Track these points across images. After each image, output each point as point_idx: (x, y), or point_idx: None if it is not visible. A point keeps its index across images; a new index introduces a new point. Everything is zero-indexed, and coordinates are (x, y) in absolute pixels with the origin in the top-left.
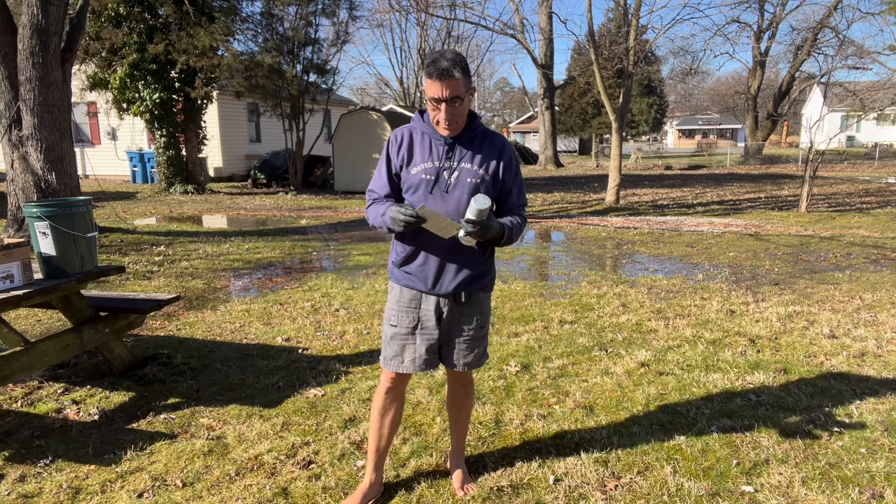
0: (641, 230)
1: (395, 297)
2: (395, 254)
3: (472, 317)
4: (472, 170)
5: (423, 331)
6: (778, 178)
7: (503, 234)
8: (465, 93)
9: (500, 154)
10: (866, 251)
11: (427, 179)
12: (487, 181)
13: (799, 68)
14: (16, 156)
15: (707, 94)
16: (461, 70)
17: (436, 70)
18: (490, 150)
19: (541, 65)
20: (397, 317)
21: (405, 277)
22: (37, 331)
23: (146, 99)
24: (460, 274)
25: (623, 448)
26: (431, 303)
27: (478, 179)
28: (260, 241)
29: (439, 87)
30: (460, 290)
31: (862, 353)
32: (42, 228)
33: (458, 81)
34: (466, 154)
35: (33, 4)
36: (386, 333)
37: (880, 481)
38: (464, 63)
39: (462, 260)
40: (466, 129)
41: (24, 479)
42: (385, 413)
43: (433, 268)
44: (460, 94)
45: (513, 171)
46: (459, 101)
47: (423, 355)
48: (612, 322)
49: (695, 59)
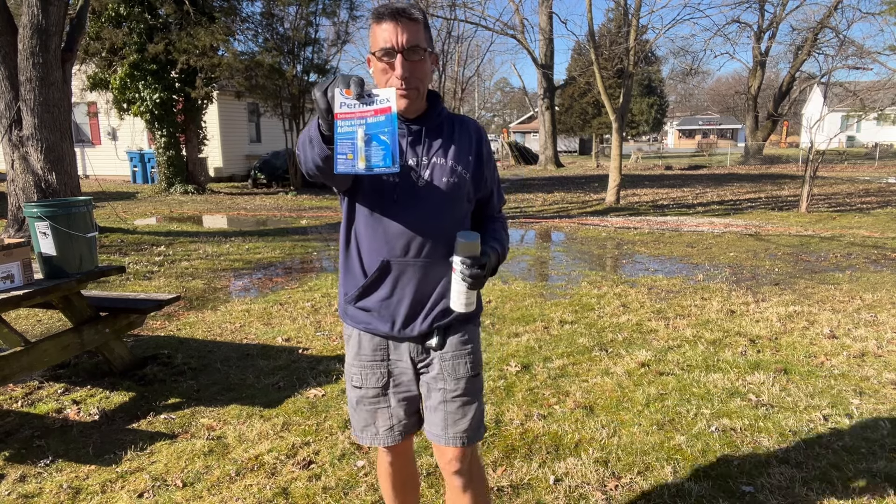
0: (642, 230)
1: (354, 348)
2: (346, 285)
3: (462, 360)
4: (447, 166)
5: (396, 388)
6: (778, 178)
7: (499, 261)
8: (428, 51)
9: (479, 144)
10: (866, 251)
11: (390, 181)
12: (467, 181)
13: (799, 68)
14: (16, 156)
15: (707, 94)
16: (422, 15)
17: (387, 10)
18: (464, 139)
19: (541, 65)
20: (360, 375)
21: (364, 318)
22: (37, 331)
23: (146, 99)
24: (440, 303)
25: (623, 448)
26: (404, 351)
27: (455, 179)
28: (260, 242)
29: (392, 30)
30: (438, 323)
31: (862, 353)
32: (42, 228)
33: (418, 26)
34: (436, 145)
35: (33, 4)
36: (350, 398)
37: (880, 481)
38: (425, 14)
39: (444, 282)
40: (431, 111)
41: (24, 479)
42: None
43: (404, 300)
44: (421, 44)
45: (492, 165)
46: (422, 52)
47: (402, 419)
48: (613, 322)
49: (695, 59)
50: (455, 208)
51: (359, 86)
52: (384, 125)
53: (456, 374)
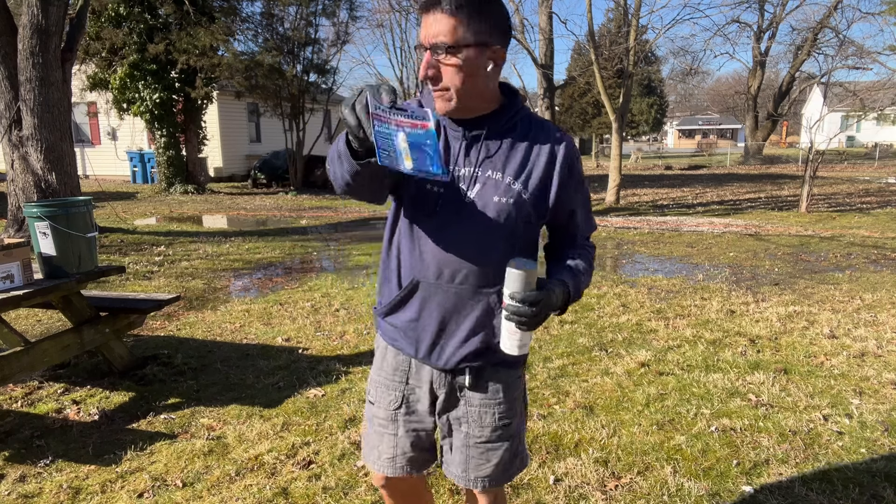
0: (641, 230)
1: (379, 360)
2: (382, 293)
3: (489, 410)
4: (503, 182)
5: (408, 417)
6: (778, 178)
7: (569, 298)
8: (474, 46)
9: (554, 156)
10: (866, 251)
11: (434, 192)
12: (526, 202)
13: (799, 68)
14: (16, 156)
15: (707, 95)
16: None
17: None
18: (535, 150)
19: (541, 65)
20: (375, 391)
21: (392, 333)
22: (37, 331)
23: (146, 99)
24: (473, 339)
25: (623, 448)
26: (426, 378)
27: (510, 199)
28: (260, 242)
29: (426, 23)
30: (468, 364)
31: (862, 353)
32: (42, 228)
33: (454, 19)
34: (496, 154)
35: (33, 5)
36: (365, 410)
37: (880, 481)
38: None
39: (478, 316)
40: (500, 112)
41: (24, 479)
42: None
43: (429, 327)
44: (455, 41)
45: (574, 183)
46: (453, 51)
47: (406, 452)
48: (613, 322)
49: (695, 59)
50: (506, 234)
51: (391, 94)
52: (425, 138)
53: (482, 422)
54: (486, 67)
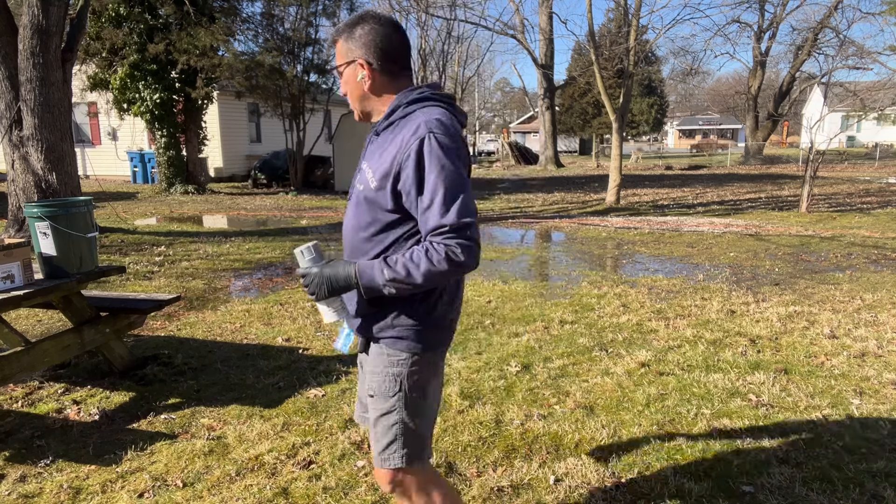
0: (642, 230)
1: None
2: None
3: (367, 375)
4: (366, 174)
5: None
6: (778, 178)
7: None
8: (345, 64)
9: (403, 148)
10: (867, 251)
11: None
12: (378, 192)
13: (799, 68)
14: (16, 156)
15: (707, 95)
16: (344, 32)
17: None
18: (393, 144)
19: (541, 65)
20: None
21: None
22: (37, 331)
23: (147, 99)
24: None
25: (623, 448)
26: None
27: (365, 188)
28: (260, 242)
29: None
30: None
31: (862, 353)
32: (42, 228)
33: (336, 45)
34: (370, 150)
35: (34, 5)
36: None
37: (880, 481)
38: (352, 24)
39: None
40: (388, 115)
41: (24, 479)
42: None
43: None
44: (339, 63)
45: (411, 177)
46: (340, 71)
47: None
48: (613, 322)
49: (695, 59)
50: (368, 219)
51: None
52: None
53: (363, 385)
54: (356, 77)
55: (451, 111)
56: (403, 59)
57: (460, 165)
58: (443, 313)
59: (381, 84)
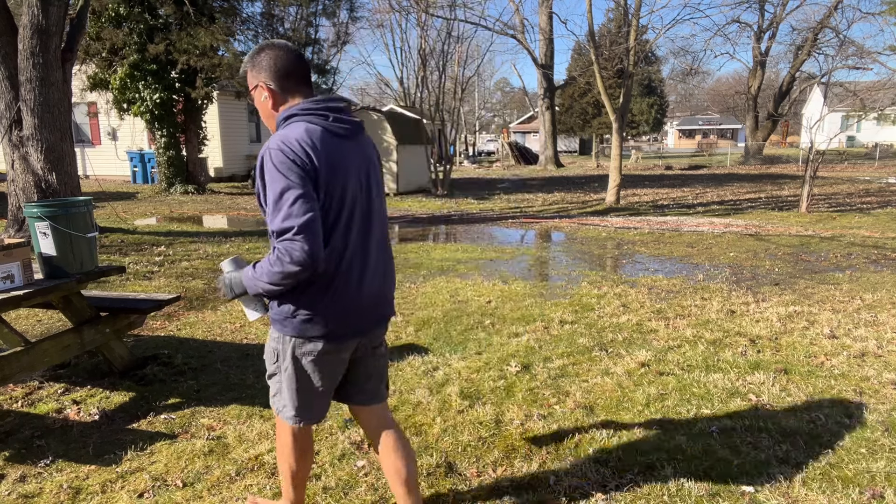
0: (642, 230)
1: None
2: None
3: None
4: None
5: None
6: (778, 178)
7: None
8: (253, 88)
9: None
10: (867, 251)
11: None
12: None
13: (799, 68)
14: (16, 156)
15: (707, 95)
16: (249, 63)
17: None
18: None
19: (541, 65)
20: None
21: None
22: (37, 331)
23: (146, 99)
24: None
25: (623, 448)
26: None
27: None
28: (260, 242)
29: None
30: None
31: (862, 353)
32: (42, 229)
33: (247, 76)
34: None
35: (34, 5)
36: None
37: (880, 481)
38: (254, 55)
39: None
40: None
41: (24, 479)
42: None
43: None
44: (250, 90)
45: (259, 186)
46: (251, 97)
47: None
48: (613, 322)
49: (695, 59)
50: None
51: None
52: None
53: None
54: (261, 98)
55: (319, 123)
56: (297, 77)
57: (293, 177)
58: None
59: (279, 103)
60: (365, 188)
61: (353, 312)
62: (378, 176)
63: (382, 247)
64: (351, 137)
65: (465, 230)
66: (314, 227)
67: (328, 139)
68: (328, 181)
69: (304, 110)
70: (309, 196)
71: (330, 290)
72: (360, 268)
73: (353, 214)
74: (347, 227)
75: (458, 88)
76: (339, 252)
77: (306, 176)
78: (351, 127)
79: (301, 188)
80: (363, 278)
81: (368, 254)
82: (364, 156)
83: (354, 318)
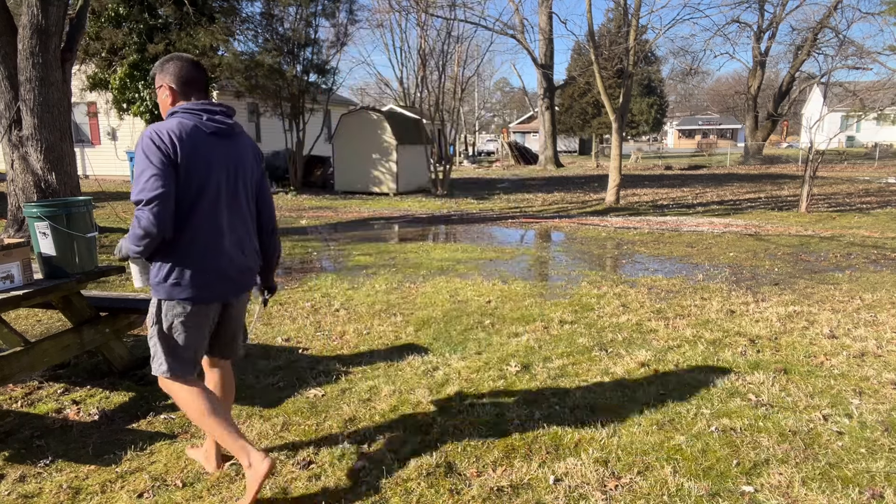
0: (641, 230)
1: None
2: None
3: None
4: None
5: None
6: (778, 178)
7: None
8: (158, 87)
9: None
10: (866, 251)
11: None
12: None
13: (799, 68)
14: (16, 156)
15: (707, 95)
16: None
17: None
18: None
19: (541, 65)
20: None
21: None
22: (37, 331)
23: (146, 99)
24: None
25: (623, 448)
26: None
27: None
28: None
29: None
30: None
31: (862, 353)
32: (42, 228)
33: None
34: None
35: (33, 5)
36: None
37: (880, 481)
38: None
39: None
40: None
41: (24, 479)
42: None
43: None
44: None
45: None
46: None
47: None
48: (612, 322)
49: (695, 59)
50: None
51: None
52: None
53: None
54: (163, 96)
55: (193, 120)
56: (195, 84)
57: (154, 159)
58: (176, 274)
59: (176, 102)
60: (232, 179)
61: (216, 279)
62: (250, 172)
63: (245, 228)
64: (222, 136)
65: (464, 230)
66: (163, 201)
67: (198, 134)
68: (189, 167)
69: (184, 109)
70: (164, 176)
71: (193, 258)
72: (219, 241)
73: (218, 198)
74: (211, 207)
75: (457, 88)
76: (202, 227)
77: (166, 160)
78: (224, 127)
79: (157, 169)
80: (222, 250)
81: (230, 231)
82: (235, 153)
83: (217, 285)
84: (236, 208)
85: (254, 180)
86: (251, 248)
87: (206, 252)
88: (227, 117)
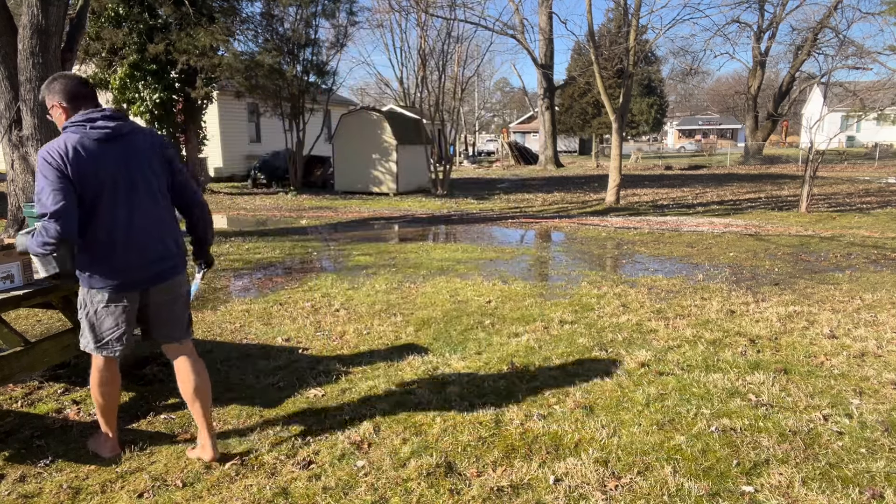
0: (641, 230)
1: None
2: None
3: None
4: None
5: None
6: (778, 178)
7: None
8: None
9: None
10: (866, 251)
11: None
12: None
13: (799, 68)
14: (16, 156)
15: (707, 94)
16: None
17: None
18: None
19: (541, 65)
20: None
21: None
22: (37, 331)
23: (146, 99)
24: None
25: (623, 448)
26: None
27: None
28: (260, 242)
29: None
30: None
31: (862, 353)
32: None
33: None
34: None
35: (33, 5)
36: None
37: (880, 481)
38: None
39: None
40: None
41: (24, 479)
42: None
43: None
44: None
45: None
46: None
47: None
48: (613, 322)
49: (695, 59)
50: None
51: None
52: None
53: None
54: (57, 114)
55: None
56: (83, 98)
57: (50, 176)
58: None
59: (69, 117)
60: (127, 177)
61: (126, 269)
62: (146, 164)
63: (151, 219)
64: (110, 140)
65: (464, 230)
66: (64, 214)
67: (87, 143)
68: (81, 177)
69: (71, 123)
70: (61, 190)
71: (103, 252)
72: (126, 235)
73: (115, 198)
74: (111, 206)
75: (457, 88)
76: (104, 227)
77: (61, 175)
78: (109, 132)
79: (53, 185)
80: (129, 243)
81: (133, 225)
82: (126, 152)
83: (129, 274)
84: (138, 203)
85: (155, 170)
86: (165, 235)
87: (111, 248)
88: (109, 121)
